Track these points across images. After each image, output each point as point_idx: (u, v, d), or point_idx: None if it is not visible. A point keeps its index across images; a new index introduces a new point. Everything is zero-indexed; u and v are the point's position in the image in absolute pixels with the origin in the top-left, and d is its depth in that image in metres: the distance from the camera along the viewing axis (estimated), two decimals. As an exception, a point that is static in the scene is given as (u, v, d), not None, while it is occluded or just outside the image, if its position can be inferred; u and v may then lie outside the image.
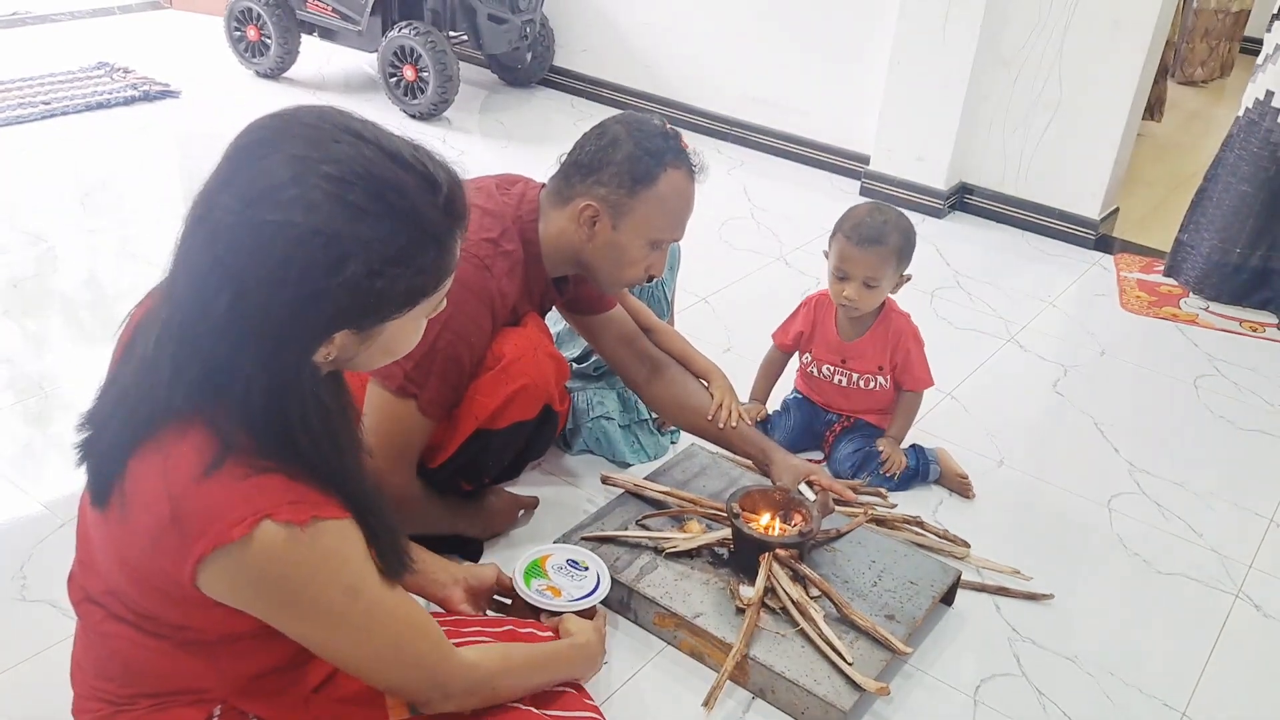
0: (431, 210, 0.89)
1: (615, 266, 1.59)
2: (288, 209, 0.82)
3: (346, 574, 0.93)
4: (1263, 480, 2.22)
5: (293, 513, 0.87)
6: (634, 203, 1.54)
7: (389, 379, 1.46)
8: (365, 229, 0.84)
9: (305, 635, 0.96)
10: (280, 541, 0.87)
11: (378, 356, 0.96)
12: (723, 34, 3.82)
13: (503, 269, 1.52)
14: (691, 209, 1.62)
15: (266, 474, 0.88)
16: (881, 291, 2.00)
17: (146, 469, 0.89)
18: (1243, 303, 2.96)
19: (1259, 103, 2.82)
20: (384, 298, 0.88)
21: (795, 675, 1.51)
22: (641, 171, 1.53)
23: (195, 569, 0.88)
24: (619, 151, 1.53)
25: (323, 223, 0.83)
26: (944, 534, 1.90)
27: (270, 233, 0.83)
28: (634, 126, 1.55)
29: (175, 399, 0.88)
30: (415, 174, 0.88)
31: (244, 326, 0.85)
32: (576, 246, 1.58)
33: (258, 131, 0.87)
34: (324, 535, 0.90)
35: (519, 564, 1.50)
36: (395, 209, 0.86)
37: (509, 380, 1.54)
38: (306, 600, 0.92)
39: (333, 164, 0.84)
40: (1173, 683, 1.67)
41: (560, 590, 1.48)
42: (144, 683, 1.01)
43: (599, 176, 1.54)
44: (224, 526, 0.86)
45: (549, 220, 1.58)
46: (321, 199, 0.83)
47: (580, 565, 1.52)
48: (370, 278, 0.85)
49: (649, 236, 1.57)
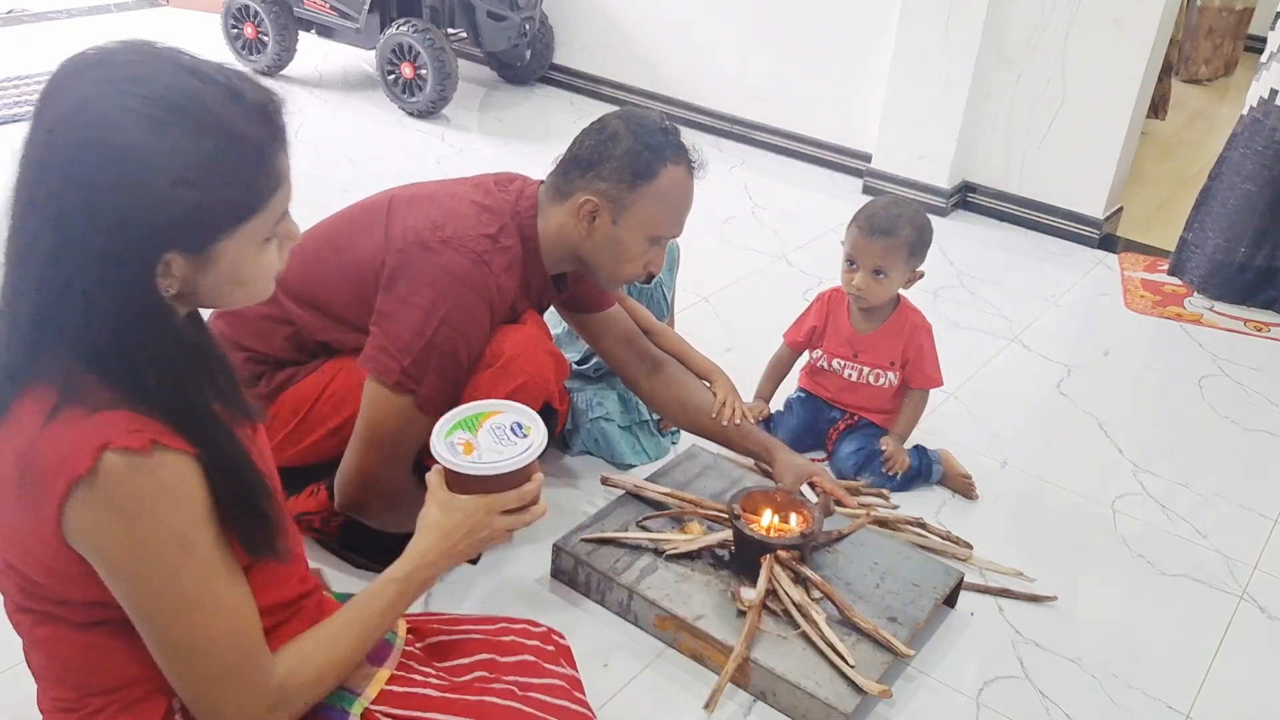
0: (239, 122, 0.87)
1: (614, 262, 1.58)
2: (88, 129, 0.83)
3: (182, 518, 0.89)
4: (1267, 481, 2.21)
5: (131, 439, 0.85)
6: (634, 198, 1.52)
7: (386, 374, 1.45)
8: (167, 140, 0.84)
9: (131, 598, 0.91)
10: (121, 469, 0.85)
11: (226, 287, 0.93)
12: (724, 31, 3.81)
13: (501, 265, 1.51)
14: (691, 205, 1.61)
15: (109, 409, 0.87)
16: (891, 283, 1.99)
17: (1, 441, 0.89)
18: (1247, 302, 2.95)
19: (1263, 101, 2.81)
20: (202, 212, 0.86)
21: (797, 678, 1.50)
22: (642, 167, 1.51)
23: (59, 518, 0.86)
24: (619, 146, 1.52)
25: (124, 137, 0.83)
26: (947, 535, 1.89)
27: (73, 156, 0.83)
28: (634, 121, 1.54)
29: (18, 354, 0.88)
30: (218, 86, 0.87)
31: (71, 258, 0.84)
32: (576, 242, 1.57)
33: (61, 70, 0.87)
34: (165, 466, 0.87)
35: (460, 409, 1.21)
36: (199, 121, 0.85)
37: (509, 377, 1.53)
38: (138, 540, 0.88)
39: (132, 83, 0.84)
40: (1177, 685, 1.66)
41: (474, 449, 1.16)
42: (91, 682, 0.99)
43: (599, 171, 1.52)
44: (72, 464, 0.85)
45: (548, 216, 1.57)
46: (120, 115, 0.83)
47: (523, 431, 1.18)
48: (178, 187, 0.84)
49: (649, 232, 1.56)
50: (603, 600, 1.68)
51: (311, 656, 1.01)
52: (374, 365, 1.47)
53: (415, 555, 1.10)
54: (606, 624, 1.66)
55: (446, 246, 1.46)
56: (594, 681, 1.49)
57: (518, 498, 1.14)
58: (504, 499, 1.13)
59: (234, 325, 1.61)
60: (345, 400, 1.56)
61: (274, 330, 1.60)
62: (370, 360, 1.47)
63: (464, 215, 1.51)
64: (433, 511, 1.13)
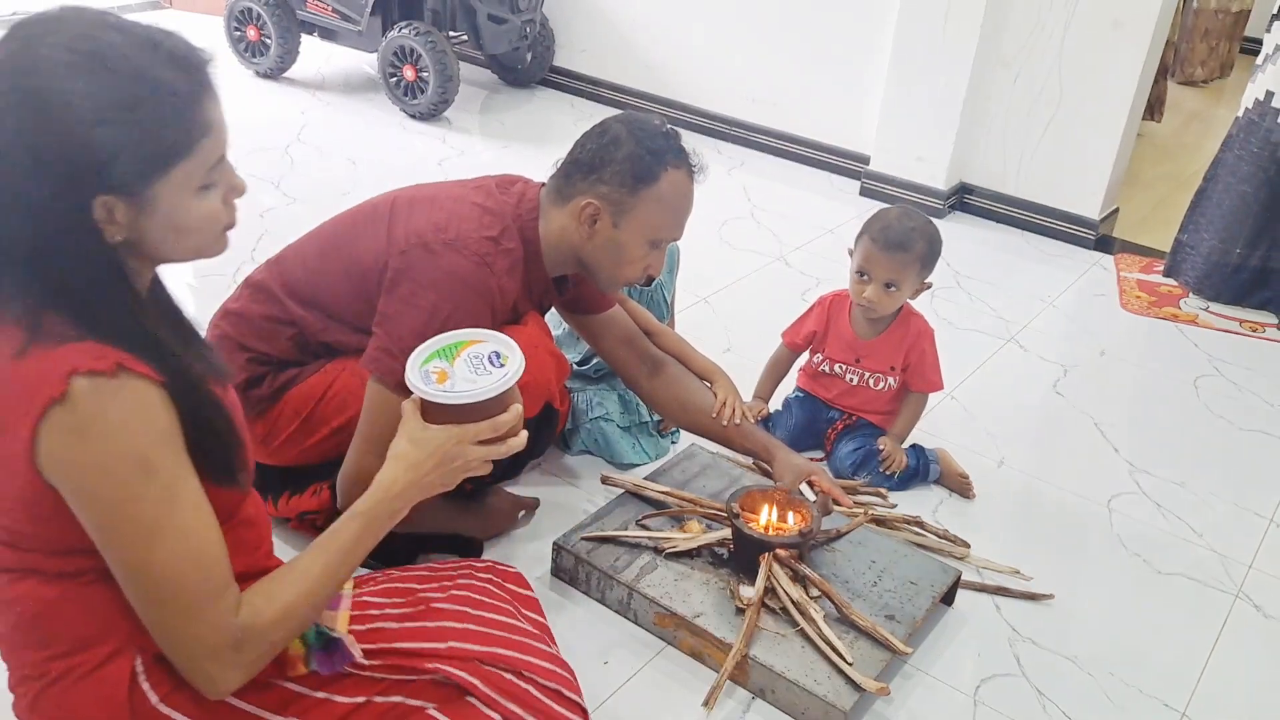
0: (156, 67, 0.91)
1: (615, 265, 1.60)
2: (15, 77, 0.88)
3: (145, 440, 0.91)
4: (1263, 480, 2.22)
5: (97, 363, 0.89)
6: (635, 201, 1.54)
7: (388, 375, 1.46)
8: (80, 83, 0.88)
9: (97, 525, 0.92)
10: (88, 391, 0.89)
11: (170, 235, 0.96)
12: (723, 33, 3.82)
13: (503, 266, 1.52)
14: (691, 208, 1.62)
15: (77, 340, 0.91)
16: (901, 295, 2.00)
17: None
18: (1242, 303, 2.97)
19: (1259, 103, 2.82)
20: (124, 151, 0.90)
21: (795, 675, 1.51)
22: (643, 170, 1.53)
23: (32, 447, 0.89)
24: (620, 150, 1.53)
25: (45, 81, 0.87)
26: (944, 534, 1.90)
27: (5, 103, 0.88)
28: (635, 125, 1.56)
29: None
30: (135, 37, 0.92)
31: (14, 203, 0.89)
32: (577, 245, 1.58)
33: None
34: (129, 388, 0.90)
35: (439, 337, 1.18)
36: (114, 66, 0.89)
37: None
38: (102, 463, 0.90)
39: (54, 35, 0.89)
40: (1173, 683, 1.67)
41: (448, 377, 1.12)
42: (58, 639, 1.00)
43: (600, 175, 1.54)
44: (42, 392, 0.88)
45: (549, 219, 1.58)
46: (39, 63, 0.88)
47: (500, 361, 1.14)
48: (99, 127, 0.88)
49: (649, 235, 1.57)
50: (603, 598, 1.70)
51: (277, 594, 1.01)
52: (376, 366, 1.48)
53: (381, 487, 1.09)
54: (606, 622, 1.67)
55: (449, 248, 1.47)
56: (593, 679, 1.51)
57: (491, 428, 1.11)
58: (477, 429, 1.10)
59: (237, 326, 1.63)
60: (348, 401, 1.57)
61: (277, 331, 1.61)
62: (372, 361, 1.49)
63: (466, 217, 1.52)
64: (401, 443, 1.11)
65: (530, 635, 1.27)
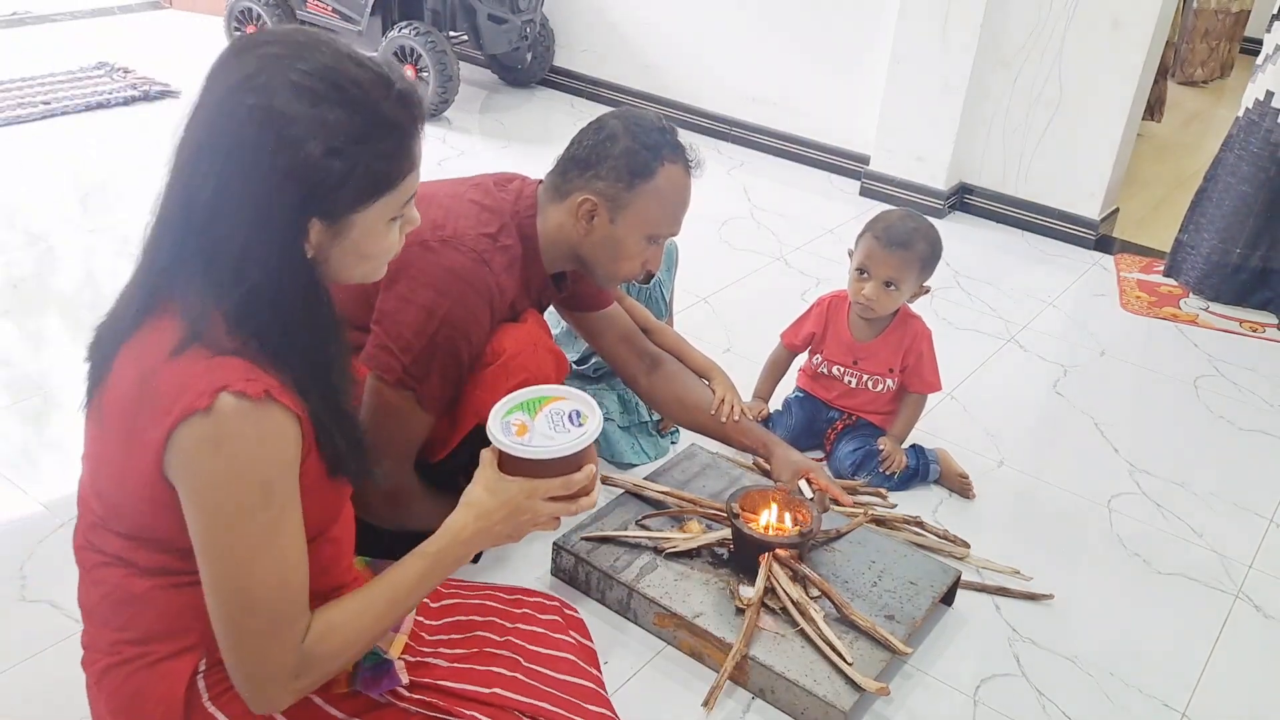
0: (385, 102, 0.98)
1: (612, 261, 1.60)
2: (259, 94, 0.93)
3: (272, 468, 0.95)
4: (1262, 480, 2.22)
5: (248, 385, 0.92)
6: (632, 197, 1.54)
7: (388, 372, 1.46)
8: (323, 112, 0.94)
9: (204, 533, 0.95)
10: (233, 410, 0.92)
11: (352, 259, 1.02)
12: (723, 34, 3.82)
13: (501, 264, 1.52)
14: (688, 203, 1.62)
15: (230, 355, 0.94)
16: (900, 296, 2.00)
17: (124, 361, 0.97)
18: (1242, 303, 2.96)
19: (1259, 103, 2.82)
20: (347, 180, 0.95)
21: (795, 675, 1.51)
22: (639, 166, 1.53)
23: (164, 445, 0.92)
24: (617, 146, 1.53)
25: (285, 104, 0.93)
26: (944, 534, 1.90)
27: (244, 114, 0.93)
28: (631, 121, 1.56)
29: (156, 291, 0.97)
30: (371, 72, 0.98)
31: (229, 210, 0.93)
32: (574, 241, 1.58)
33: (235, 43, 0.98)
34: (271, 416, 0.94)
35: (525, 390, 1.22)
36: (351, 98, 0.95)
37: (509, 375, 1.54)
38: (227, 480, 0.93)
39: (297, 59, 0.95)
40: (1173, 683, 1.67)
41: (527, 431, 1.15)
42: (133, 626, 1.04)
43: (597, 171, 1.54)
44: (190, 398, 0.91)
45: (546, 216, 1.58)
46: (284, 86, 0.93)
47: (580, 420, 1.17)
48: (330, 156, 0.94)
49: (647, 231, 1.57)
50: (603, 598, 1.70)
51: (340, 627, 1.03)
52: (376, 363, 1.48)
53: (451, 532, 1.11)
54: (606, 622, 1.67)
55: (446, 246, 1.47)
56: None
57: (563, 485, 1.13)
58: (549, 485, 1.13)
59: None
60: None
61: None
62: (372, 358, 1.49)
63: (464, 215, 1.52)
64: (476, 490, 1.13)
65: (583, 693, 1.25)
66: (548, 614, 1.32)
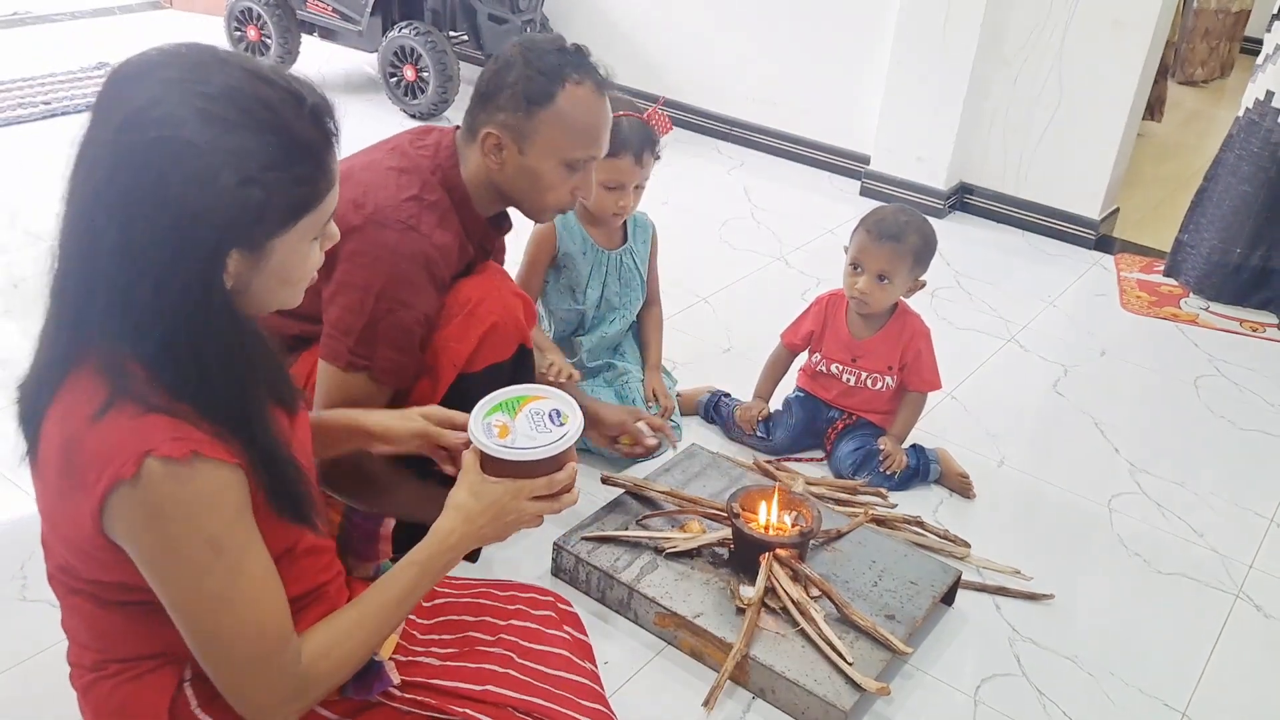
0: (298, 122, 0.91)
1: (535, 192, 1.55)
2: (158, 127, 0.85)
3: (214, 523, 0.91)
4: (1263, 480, 2.22)
5: (173, 447, 0.88)
6: (534, 124, 1.49)
7: (336, 358, 1.46)
8: (234, 139, 0.86)
9: (165, 594, 0.94)
10: (159, 476, 0.87)
11: (274, 285, 0.96)
12: (723, 33, 3.82)
13: (431, 222, 1.50)
14: (604, 124, 1.55)
15: (155, 413, 0.89)
16: (893, 290, 2.00)
17: (51, 423, 0.93)
18: (1243, 303, 2.96)
19: (1259, 103, 2.82)
20: (265, 209, 0.89)
21: (795, 675, 1.51)
22: (536, 91, 1.48)
23: (99, 513, 0.89)
24: (511, 73, 1.49)
25: (192, 135, 0.85)
26: (944, 534, 1.90)
27: (144, 153, 0.85)
28: (528, 47, 1.51)
29: (71, 340, 0.91)
30: (280, 89, 0.91)
31: (136, 254, 0.86)
32: (494, 179, 1.55)
33: (123, 68, 0.89)
34: (201, 475, 0.89)
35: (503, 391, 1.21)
36: (262, 121, 0.88)
37: (478, 321, 1.52)
38: (170, 544, 0.90)
39: (199, 83, 0.87)
40: (1173, 683, 1.67)
41: (509, 432, 1.15)
42: (113, 649, 1.03)
43: (496, 102, 1.50)
44: (114, 467, 0.87)
45: (467, 160, 1.55)
46: (190, 114, 0.85)
47: (560, 420, 1.17)
48: (245, 185, 0.87)
49: (560, 157, 1.52)
50: (603, 598, 1.70)
51: (333, 647, 1.02)
52: (326, 351, 1.48)
53: (438, 537, 1.10)
54: (606, 622, 1.67)
55: (370, 223, 1.45)
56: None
57: (547, 485, 1.14)
58: (533, 485, 1.13)
59: None
60: None
61: None
62: (323, 346, 1.49)
63: (381, 186, 1.50)
64: (461, 493, 1.12)
65: (577, 688, 1.24)
66: (541, 609, 1.32)
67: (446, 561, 1.11)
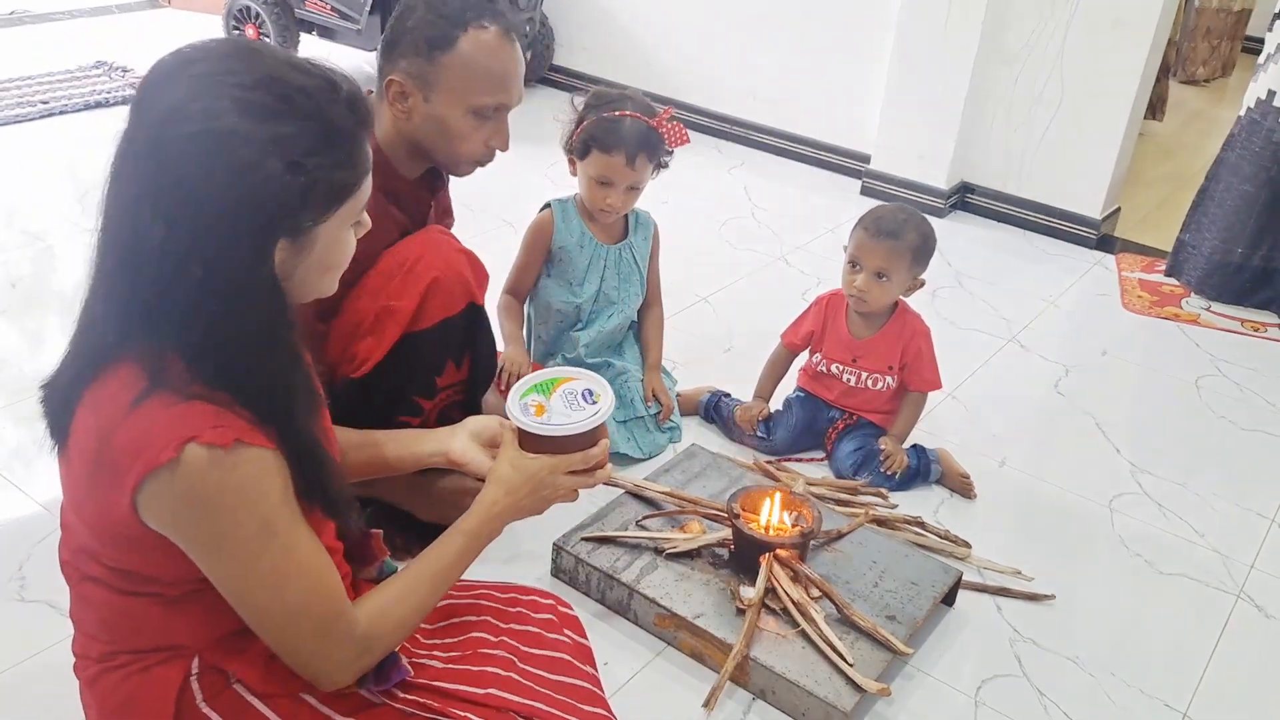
0: (334, 108, 0.93)
1: (446, 142, 1.54)
2: (199, 120, 0.86)
3: (264, 507, 0.93)
4: (1264, 480, 2.22)
5: (216, 435, 0.88)
6: (437, 70, 1.47)
7: None
8: (275, 127, 0.87)
9: (222, 578, 0.95)
10: (204, 463, 0.88)
11: (317, 273, 0.98)
12: (724, 32, 3.82)
13: None
14: (513, 69, 1.54)
15: (193, 401, 0.89)
16: (892, 288, 2.00)
17: (85, 411, 0.93)
18: (1244, 303, 2.96)
19: (1261, 102, 2.82)
20: (310, 195, 0.90)
21: (796, 676, 1.51)
22: (437, 37, 1.47)
23: (134, 498, 0.89)
24: (412, 19, 1.48)
25: (234, 125, 0.86)
26: (945, 534, 1.90)
27: (186, 146, 0.86)
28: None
29: (110, 335, 0.92)
30: (315, 76, 0.92)
31: (184, 250, 0.87)
32: (405, 132, 1.53)
33: (158, 67, 0.91)
34: (246, 461, 0.91)
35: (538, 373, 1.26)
36: (301, 108, 0.89)
37: (417, 278, 1.51)
38: (223, 530, 0.91)
39: (235, 75, 0.88)
40: (1174, 683, 1.67)
41: (545, 411, 1.21)
42: (122, 640, 1.04)
43: (399, 49, 1.48)
44: (153, 452, 0.87)
45: (380, 118, 1.53)
46: (228, 105, 0.86)
47: (593, 398, 1.24)
48: (291, 172, 0.88)
49: (466, 104, 1.51)
50: (603, 599, 1.69)
51: (390, 609, 1.06)
52: None
53: (483, 508, 1.16)
54: (606, 623, 1.67)
55: None
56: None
57: (583, 459, 1.20)
58: (570, 460, 1.19)
59: None
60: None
61: None
62: None
63: None
64: (503, 467, 1.18)
65: (578, 693, 1.24)
66: (542, 613, 1.32)
67: (491, 530, 1.16)
